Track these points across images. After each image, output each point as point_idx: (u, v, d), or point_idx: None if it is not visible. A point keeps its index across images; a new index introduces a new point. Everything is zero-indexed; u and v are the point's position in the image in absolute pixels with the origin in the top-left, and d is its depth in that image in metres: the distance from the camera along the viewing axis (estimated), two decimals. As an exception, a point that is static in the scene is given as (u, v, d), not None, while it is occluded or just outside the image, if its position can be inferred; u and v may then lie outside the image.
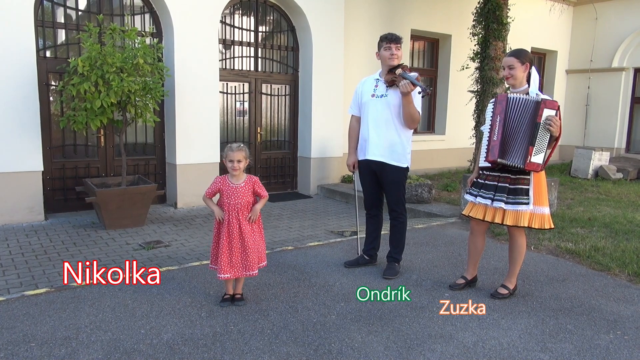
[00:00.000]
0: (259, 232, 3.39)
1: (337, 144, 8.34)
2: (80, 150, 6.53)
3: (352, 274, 4.06)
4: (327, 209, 7.19)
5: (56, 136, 6.32)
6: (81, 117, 5.45)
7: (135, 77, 5.53)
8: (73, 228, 5.73)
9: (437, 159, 10.13)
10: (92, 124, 5.46)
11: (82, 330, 2.98)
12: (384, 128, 3.86)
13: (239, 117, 7.85)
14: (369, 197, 4.13)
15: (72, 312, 3.23)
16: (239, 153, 3.25)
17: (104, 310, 3.26)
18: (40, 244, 5.13)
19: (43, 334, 2.93)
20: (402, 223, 4.03)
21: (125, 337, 2.92)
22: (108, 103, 5.36)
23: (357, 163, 4.10)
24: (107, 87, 5.42)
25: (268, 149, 8.23)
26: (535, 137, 3.25)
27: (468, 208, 3.58)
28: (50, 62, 6.13)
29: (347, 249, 4.74)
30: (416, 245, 4.92)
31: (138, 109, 5.80)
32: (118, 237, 5.43)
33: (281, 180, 8.41)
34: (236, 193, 3.26)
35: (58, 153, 6.36)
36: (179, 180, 6.85)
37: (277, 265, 4.21)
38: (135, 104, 5.75)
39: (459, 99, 10.14)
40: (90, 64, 5.32)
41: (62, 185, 6.39)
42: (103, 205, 5.59)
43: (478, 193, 3.50)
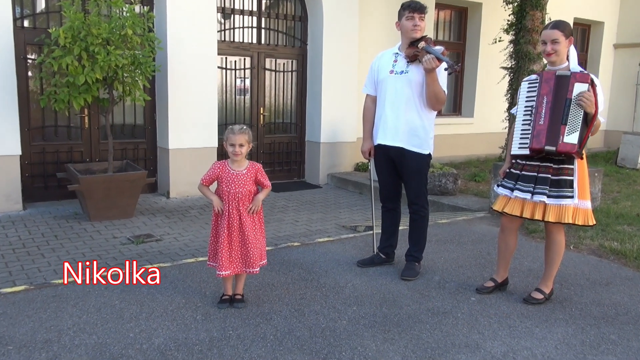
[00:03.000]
0: (260, 226, 3.40)
1: (350, 127, 8.32)
2: (62, 132, 6.57)
3: (365, 274, 4.06)
4: (339, 201, 7.18)
5: (35, 116, 6.36)
6: (63, 95, 5.48)
7: (123, 50, 5.54)
8: (54, 219, 5.79)
9: (464, 145, 10.06)
10: (75, 103, 5.49)
11: (65, 333, 3.02)
12: (403, 109, 3.84)
13: (240, 95, 7.84)
14: (386, 187, 4.12)
15: (54, 312, 3.27)
16: (241, 136, 3.25)
17: (88, 310, 3.29)
18: (18, 236, 5.19)
19: (22, 336, 2.98)
20: (423, 217, 4.02)
21: (112, 341, 2.95)
22: (93, 79, 5.38)
23: (372, 149, 4.09)
24: (92, 61, 5.43)
25: (272, 133, 8.23)
26: (567, 115, 3.25)
27: (501, 203, 3.55)
28: (28, 33, 6.16)
29: (360, 246, 4.74)
30: (439, 242, 4.90)
31: (126, 86, 5.81)
32: (104, 230, 5.48)
33: (286, 168, 8.42)
34: (237, 181, 3.27)
35: (37, 135, 6.41)
36: (171, 167, 6.88)
37: (281, 264, 4.22)
38: (123, 81, 5.77)
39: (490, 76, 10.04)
40: (72, 35, 5.33)
41: (42, 171, 6.45)
42: (87, 194, 5.64)
43: (515, 186, 3.47)
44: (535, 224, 5.31)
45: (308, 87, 8.29)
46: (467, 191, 7.12)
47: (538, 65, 7.99)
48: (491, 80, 10.03)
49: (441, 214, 6.24)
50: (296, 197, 7.35)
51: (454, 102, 10.42)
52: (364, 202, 7.04)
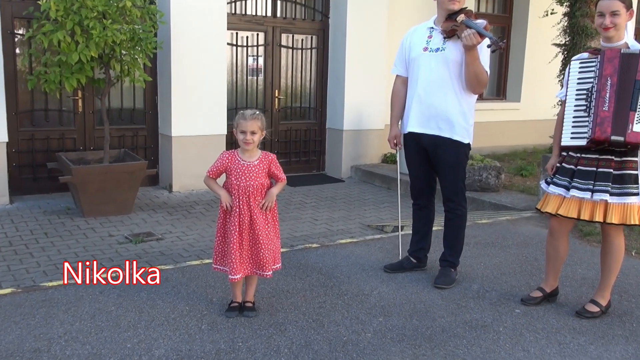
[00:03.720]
0: (273, 224, 3.41)
1: (377, 112, 8.28)
2: (53, 117, 6.67)
3: (393, 281, 4.05)
4: (363, 197, 7.16)
5: (24, 99, 6.46)
6: (54, 75, 5.54)
7: (121, 25, 5.58)
8: (44, 214, 5.89)
9: (509, 133, 9.96)
10: (67, 84, 5.55)
11: (55, 342, 3.07)
12: (439, 92, 3.81)
13: (252, 76, 7.85)
14: (418, 182, 4.10)
15: (43, 318, 3.32)
16: (253, 122, 3.25)
17: (81, 317, 3.34)
18: (4, 233, 5.29)
19: (7, 345, 3.03)
20: (460, 217, 3.99)
21: (107, 352, 2.99)
22: (87, 57, 5.43)
23: (399, 137, 4.07)
24: (86, 36, 5.48)
25: (288, 119, 8.23)
26: (637, 100, 3.18)
27: (554, 204, 3.48)
28: (16, 5, 6.24)
29: (388, 248, 4.73)
30: (478, 246, 4.88)
31: (124, 65, 5.86)
32: (99, 227, 5.55)
33: (304, 159, 8.42)
34: (248, 173, 3.28)
35: (26, 120, 6.51)
36: (175, 157, 6.93)
37: (297, 268, 4.23)
38: (121, 59, 5.81)
39: (540, 55, 9.89)
40: (65, 7, 5.39)
41: (30, 161, 6.56)
42: (81, 187, 5.72)
43: (570, 184, 3.42)
44: (591, 226, 5.24)
45: (329, 66, 8.27)
46: (512, 187, 7.04)
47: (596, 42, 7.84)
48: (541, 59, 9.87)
49: (481, 213, 6.19)
50: (315, 192, 7.36)
51: (497, 84, 10.30)
52: (393, 198, 7.01)
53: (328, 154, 8.47)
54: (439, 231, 4.32)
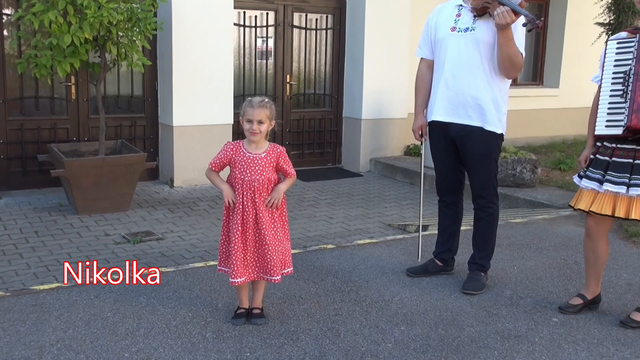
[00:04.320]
0: (282, 224, 3.41)
1: (400, 99, 8.25)
2: (44, 105, 6.72)
3: (417, 285, 4.05)
4: (384, 193, 7.16)
5: (12, 85, 6.52)
6: (45, 59, 5.57)
7: (117, 4, 5.60)
8: (34, 211, 5.95)
9: (546, 123, 9.88)
10: (59, 69, 5.58)
11: (47, 350, 3.10)
12: (468, 76, 3.79)
13: (261, 60, 7.85)
14: (444, 177, 4.09)
15: (34, 324, 3.36)
16: (261, 111, 3.26)
17: (75, 324, 3.37)
18: (-9, 232, 5.36)
19: (-5, 353, 3.07)
20: (491, 215, 3.98)
21: (103, 362, 3.02)
22: (81, 39, 5.46)
23: (425, 127, 4.06)
24: (80, 17, 5.51)
25: (301, 106, 8.23)
26: None
27: (586, 199, 3.46)
28: (3, -17, 6.28)
29: (411, 250, 4.72)
30: (512, 247, 4.85)
31: (121, 48, 5.88)
32: (94, 226, 5.60)
33: (318, 151, 8.42)
34: (254, 166, 3.29)
35: (14, 109, 6.57)
36: (176, 149, 6.96)
37: (311, 271, 4.24)
38: (117, 41, 5.83)
39: (581, 35, 9.79)
40: (56, -16, 5.42)
41: (19, 153, 6.61)
42: (74, 181, 5.76)
43: (604, 177, 3.39)
44: (637, 225, 5.19)
45: (347, 49, 8.24)
46: (549, 182, 6.99)
47: (643, 20, 7.76)
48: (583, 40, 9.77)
49: (515, 211, 6.15)
50: (331, 187, 7.36)
51: (533, 68, 10.22)
52: (416, 194, 6.98)
53: (345, 146, 8.46)
54: (467, 231, 4.30)
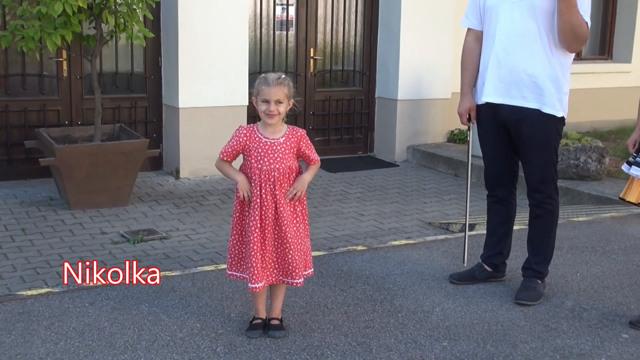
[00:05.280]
0: (303, 220, 3.41)
1: (443, 77, 8.20)
2: (32, 84, 6.78)
3: (462, 294, 4.03)
4: (423, 186, 7.12)
5: (-4, 61, 6.60)
6: (33, 31, 5.61)
7: (115, -34, 5.63)
8: (21, 206, 6.02)
9: (616, 104, 9.75)
10: (49, 42, 5.61)
11: (35, 365, 3.15)
12: (523, 50, 3.76)
13: (281, 31, 7.84)
14: (495, 167, 4.07)
15: (21, 335, 3.39)
16: (278, 89, 3.25)
17: (67, 335, 3.41)
18: (-27, 229, 5.44)
19: (-23, 368, 3.12)
20: (549, 212, 3.94)
21: (99, 379, 3.05)
22: (74, 8, 5.48)
23: (474, 110, 4.04)
24: (73, -18, 5.55)
25: (327, 85, 8.22)
26: None
27: (636, 190, 3.43)
28: (-15, -57, 6.35)
29: (455, 253, 4.70)
30: (574, 251, 4.81)
31: (120, 18, 5.90)
32: (89, 223, 5.65)
33: (347, 137, 8.40)
34: (272, 153, 3.28)
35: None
36: (183, 134, 7.00)
37: (338, 276, 4.24)
38: (115, 10, 5.85)
39: (659, 0, 9.66)
40: (46, -56, 5.46)
41: (3, 138, 6.68)
42: (66, 172, 5.81)
43: None
44: None
45: (380, 18, 8.21)
46: (619, 174, 6.88)
47: None
48: (660, 5, 9.65)
49: (579, 207, 6.08)
50: (361, 179, 7.34)
51: (601, 39, 10.11)
52: (461, 188, 6.93)
53: (378, 131, 8.44)
54: (521, 231, 4.27)
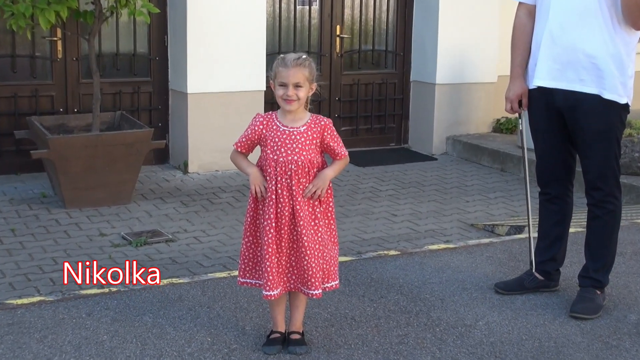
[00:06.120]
0: (327, 222, 3.40)
1: (488, 58, 8.18)
2: (23, 66, 6.83)
3: (509, 306, 4.02)
4: (465, 182, 7.09)
5: (-18, 41, 6.67)
6: (24, 7, 5.64)
7: None
8: (10, 204, 6.06)
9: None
10: (42, 19, 5.63)
11: (26, 382, 3.18)
12: (581, 27, 3.74)
13: (303, 5, 7.84)
14: (548, 161, 4.04)
15: (10, 349, 3.41)
16: (297, 71, 3.23)
17: (62, 349, 3.42)
18: (-43, 229, 5.50)
19: (-38, 385, 3.16)
20: (610, 213, 3.91)
21: (97, 399, 3.08)
22: (69, -20, 5.54)
23: (526, 95, 4.02)
24: (68, -49, 5.58)
25: (355, 67, 8.21)
26: None
27: None
28: None
29: (501, 259, 4.68)
30: (638, 257, 4.77)
31: (121, -8, 5.94)
32: (86, 223, 5.68)
33: (378, 127, 8.39)
34: (290, 143, 3.28)
35: (-15, 71, 6.72)
36: (192, 123, 7.02)
37: (367, 285, 4.24)
38: (116, -18, 5.90)
39: None
40: None
41: (-8, 129, 6.77)
42: (61, 165, 5.83)
43: None
44: None
45: (416, -10, 8.23)
46: (693, 170, 6.84)
47: None
48: None
49: (644, 208, 6.05)
50: (394, 174, 7.33)
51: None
52: (509, 184, 6.91)
53: (413, 120, 8.42)
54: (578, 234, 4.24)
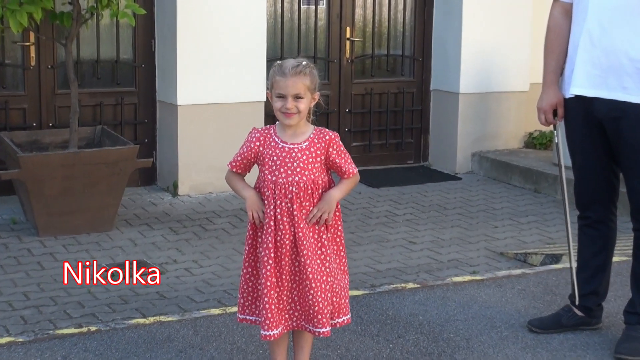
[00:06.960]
0: (335, 250, 3.41)
1: (519, 63, 8.20)
2: (-9, 76, 6.89)
3: (544, 346, 4.01)
4: (493, 205, 7.10)
5: (-55, 47, 6.71)
6: (-7, 8, 5.71)
7: None
8: (-23, 231, 6.09)
9: None
10: (12, 21, 5.66)
11: None
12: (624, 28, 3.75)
13: (308, 4, 7.87)
14: (588, 180, 4.05)
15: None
16: (297, 80, 3.24)
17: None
18: None
19: None
20: (660, 240, 3.92)
21: None
22: (43, -22, 5.58)
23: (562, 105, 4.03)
24: (42, -55, 5.63)
25: (367, 75, 8.25)
26: None
27: None
28: None
29: (535, 292, 4.68)
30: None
31: (102, -9, 5.98)
32: (62, 253, 5.67)
33: (394, 142, 8.41)
34: (290, 161, 3.28)
35: (-51, 81, 6.76)
36: (182, 138, 7.03)
37: (382, 322, 4.24)
38: (96, -20, 5.93)
39: None
40: None
41: (-44, 146, 6.80)
42: (34, 187, 5.84)
43: None
44: None
45: (436, -13, 8.27)
46: None
47: None
48: None
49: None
50: (412, 196, 7.33)
51: None
52: (544, 207, 6.90)
53: (433, 134, 8.44)
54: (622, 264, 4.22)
